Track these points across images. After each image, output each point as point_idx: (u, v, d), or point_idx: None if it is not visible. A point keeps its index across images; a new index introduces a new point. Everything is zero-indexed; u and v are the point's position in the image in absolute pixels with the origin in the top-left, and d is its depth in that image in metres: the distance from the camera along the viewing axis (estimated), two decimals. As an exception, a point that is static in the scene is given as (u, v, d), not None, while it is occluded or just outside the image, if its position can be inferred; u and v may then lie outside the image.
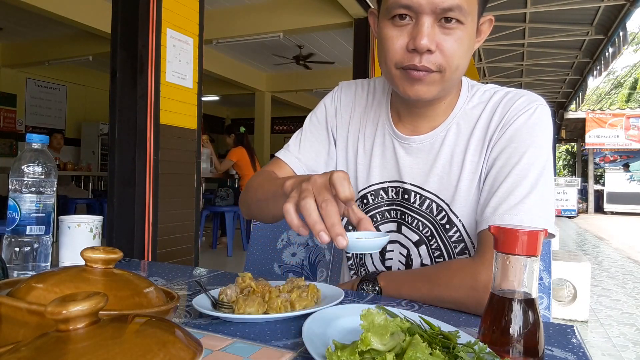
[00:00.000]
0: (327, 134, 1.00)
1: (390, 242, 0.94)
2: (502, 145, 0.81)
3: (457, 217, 0.85)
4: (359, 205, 0.97)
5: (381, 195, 0.94)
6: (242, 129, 5.34)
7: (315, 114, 1.03)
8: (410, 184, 0.90)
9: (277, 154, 1.00)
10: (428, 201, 0.88)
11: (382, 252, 0.95)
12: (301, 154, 0.98)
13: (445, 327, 0.56)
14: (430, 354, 0.44)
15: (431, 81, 0.77)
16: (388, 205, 0.93)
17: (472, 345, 0.47)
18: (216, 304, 0.67)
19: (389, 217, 0.94)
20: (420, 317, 0.59)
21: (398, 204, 0.92)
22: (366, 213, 0.96)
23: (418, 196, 0.89)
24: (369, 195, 0.95)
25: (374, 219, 0.95)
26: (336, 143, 1.01)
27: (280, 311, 0.64)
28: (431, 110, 0.88)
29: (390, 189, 0.93)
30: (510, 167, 0.78)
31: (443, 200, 0.86)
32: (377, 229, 0.95)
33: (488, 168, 0.82)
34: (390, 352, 0.44)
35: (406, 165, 0.90)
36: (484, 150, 0.83)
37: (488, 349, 0.47)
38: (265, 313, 0.64)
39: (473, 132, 0.85)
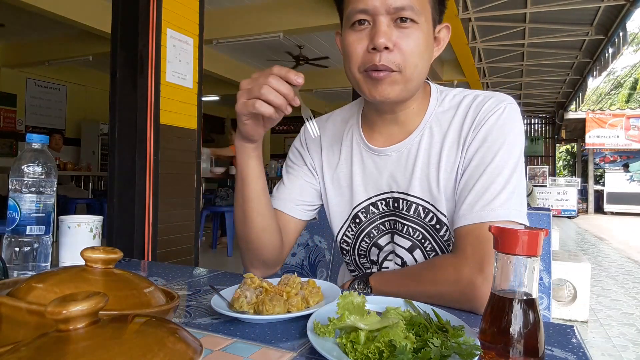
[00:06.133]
0: (306, 167, 1.03)
1: (386, 252, 0.96)
2: (476, 145, 0.85)
3: (445, 216, 0.88)
4: (352, 226, 0.98)
5: (372, 210, 0.95)
6: None
7: (288, 157, 1.08)
8: (398, 192, 0.92)
9: None
10: (415, 205, 0.90)
11: (379, 262, 0.97)
12: (284, 194, 1.01)
13: (456, 322, 0.59)
14: (406, 337, 0.49)
15: (393, 81, 0.82)
16: (381, 218, 0.95)
17: (458, 335, 0.51)
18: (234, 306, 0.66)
19: (384, 229, 0.95)
20: (432, 309, 0.63)
21: (391, 214, 0.94)
22: (361, 231, 0.97)
23: (406, 202, 0.91)
24: (359, 213, 0.96)
25: (371, 235, 0.96)
26: (317, 175, 1.03)
27: (301, 308, 0.66)
28: (402, 115, 0.91)
29: (379, 202, 0.94)
30: (485, 165, 0.82)
31: (428, 202, 0.89)
32: (376, 244, 0.96)
33: (464, 167, 0.86)
34: (364, 330, 0.52)
35: (389, 175, 0.92)
36: (459, 151, 0.87)
37: (477, 342, 0.50)
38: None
39: (446, 135, 0.88)
